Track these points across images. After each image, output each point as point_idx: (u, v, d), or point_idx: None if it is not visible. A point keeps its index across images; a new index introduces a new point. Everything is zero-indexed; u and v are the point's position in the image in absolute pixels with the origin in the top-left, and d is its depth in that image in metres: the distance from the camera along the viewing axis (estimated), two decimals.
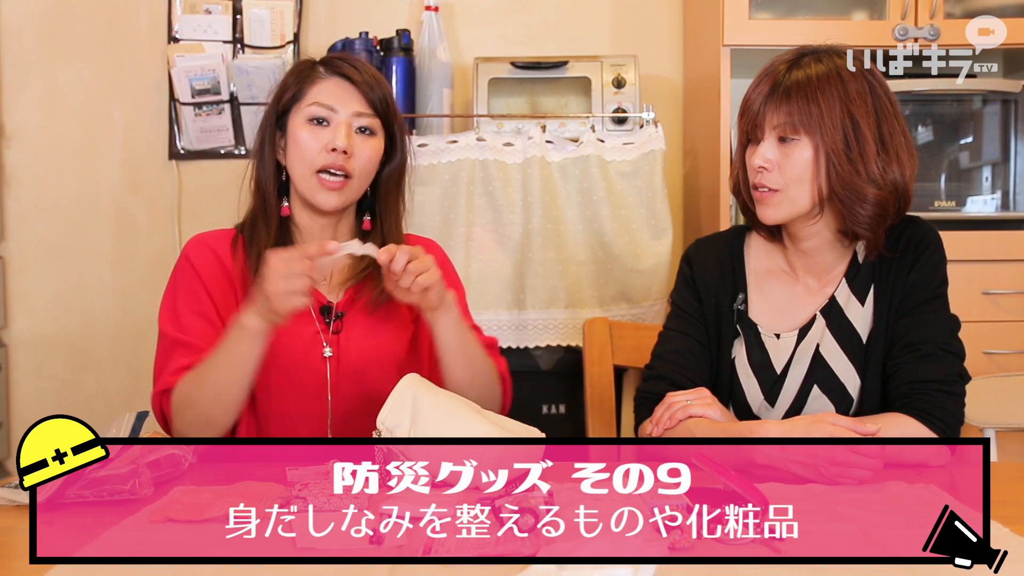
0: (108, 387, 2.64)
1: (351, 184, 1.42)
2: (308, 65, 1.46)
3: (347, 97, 1.41)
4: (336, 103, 1.41)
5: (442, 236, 2.23)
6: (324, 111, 1.40)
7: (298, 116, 1.42)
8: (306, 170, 1.41)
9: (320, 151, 1.39)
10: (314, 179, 1.40)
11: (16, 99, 2.61)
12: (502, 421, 1.24)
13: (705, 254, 1.51)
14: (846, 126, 1.32)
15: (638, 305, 2.28)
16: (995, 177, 2.31)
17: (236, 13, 2.55)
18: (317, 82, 1.42)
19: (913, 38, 2.14)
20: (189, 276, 1.43)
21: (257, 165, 1.48)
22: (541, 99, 2.41)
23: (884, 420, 1.26)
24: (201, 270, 1.43)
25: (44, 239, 2.62)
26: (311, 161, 1.40)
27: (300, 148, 1.41)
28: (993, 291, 2.14)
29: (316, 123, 1.41)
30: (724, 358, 1.45)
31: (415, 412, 1.18)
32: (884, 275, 1.39)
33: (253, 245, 1.44)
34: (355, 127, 1.41)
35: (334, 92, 1.41)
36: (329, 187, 1.40)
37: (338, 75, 1.42)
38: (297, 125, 1.42)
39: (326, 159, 1.39)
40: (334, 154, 1.39)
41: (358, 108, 1.42)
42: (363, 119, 1.42)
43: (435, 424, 1.17)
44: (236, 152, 2.58)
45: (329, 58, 1.47)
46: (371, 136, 1.43)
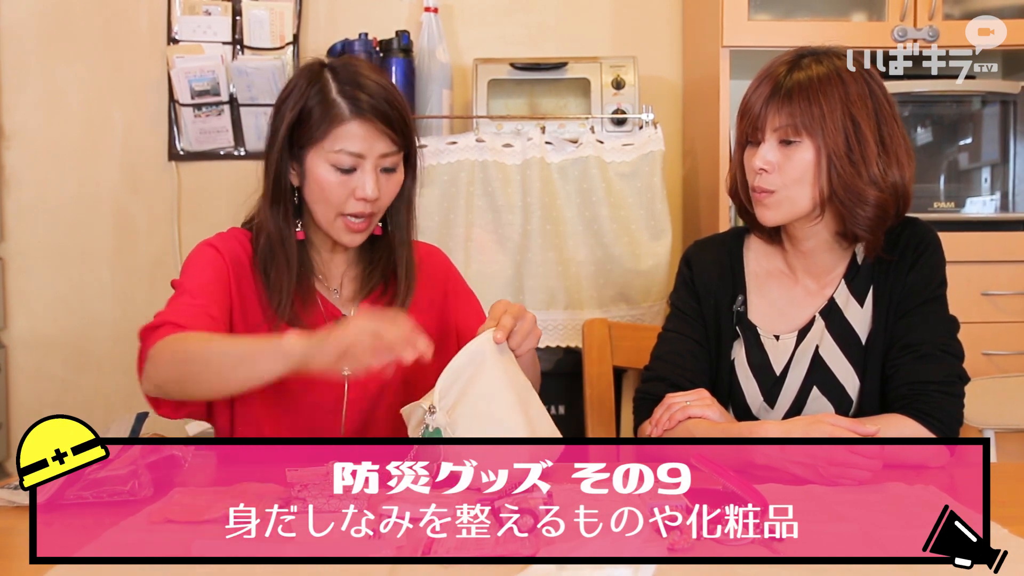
0: (108, 388, 2.64)
1: (374, 220, 1.40)
2: (325, 92, 1.34)
3: (374, 140, 1.33)
4: (364, 148, 1.33)
5: (441, 237, 2.23)
6: (351, 160, 1.33)
7: (321, 156, 1.34)
8: (331, 213, 1.36)
9: (348, 198, 1.34)
10: (339, 221, 1.36)
11: (16, 99, 2.61)
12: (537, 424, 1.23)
13: (704, 255, 1.51)
14: (847, 127, 1.32)
15: (637, 306, 2.29)
16: (994, 178, 2.31)
17: (235, 14, 2.55)
18: (342, 124, 1.33)
19: (912, 39, 2.15)
20: (213, 257, 1.37)
21: (271, 193, 1.39)
22: (540, 100, 2.41)
23: (883, 421, 1.26)
24: (224, 252, 1.38)
25: (44, 240, 2.62)
26: (337, 206, 1.35)
27: (325, 193, 1.34)
28: (992, 292, 2.14)
29: (342, 171, 1.34)
30: (723, 359, 1.45)
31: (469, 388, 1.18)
32: (883, 276, 1.39)
33: (274, 283, 1.38)
34: (380, 168, 1.35)
35: (361, 136, 1.33)
36: (354, 229, 1.37)
37: (363, 115, 1.33)
38: (320, 167, 1.34)
39: (354, 206, 1.35)
40: (362, 202, 1.34)
41: (384, 150, 1.35)
42: (388, 160, 1.36)
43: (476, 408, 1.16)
44: (236, 153, 2.58)
45: (346, 85, 1.34)
46: (394, 172, 1.38)
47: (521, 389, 1.23)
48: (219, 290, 1.36)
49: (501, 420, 1.16)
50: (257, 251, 1.40)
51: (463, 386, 1.17)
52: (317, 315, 1.41)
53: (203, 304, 1.32)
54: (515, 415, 1.17)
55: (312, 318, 1.40)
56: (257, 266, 1.40)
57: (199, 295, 1.33)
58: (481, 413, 1.16)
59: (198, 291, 1.33)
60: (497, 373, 1.21)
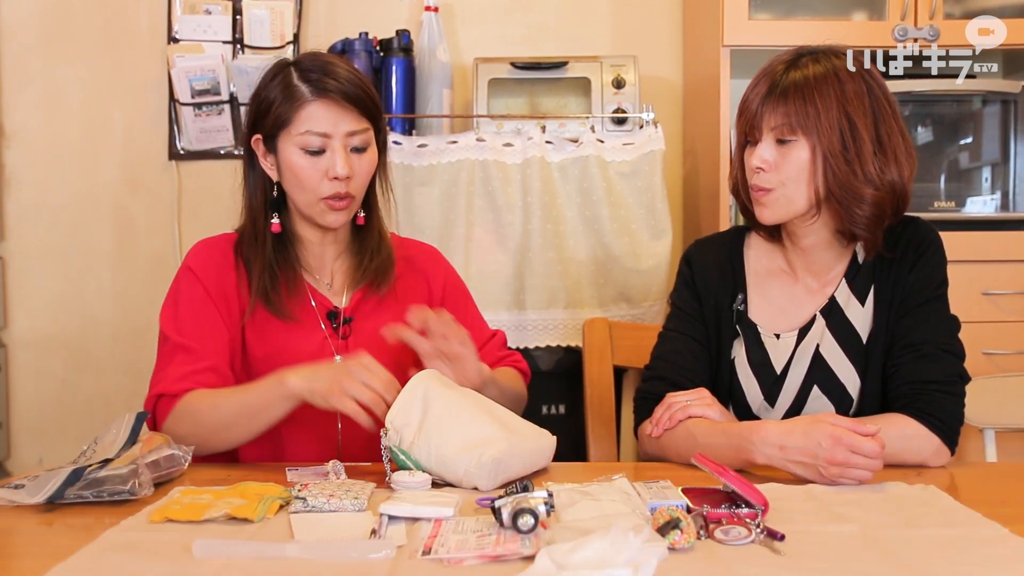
0: (108, 387, 2.64)
1: (355, 201, 1.42)
2: (287, 80, 1.38)
3: (338, 118, 1.36)
4: (328, 127, 1.36)
5: (442, 237, 2.23)
6: (318, 140, 1.36)
7: (289, 143, 1.38)
8: (310, 198, 1.39)
9: (321, 180, 1.37)
10: (320, 204, 1.39)
11: (16, 99, 2.61)
12: (510, 421, 1.24)
13: (704, 254, 1.51)
14: (843, 127, 1.32)
15: (638, 305, 2.29)
16: (995, 177, 2.31)
17: (236, 13, 2.55)
18: (304, 106, 1.36)
19: (913, 39, 2.15)
20: (190, 282, 1.41)
21: (244, 184, 1.46)
22: (541, 99, 2.41)
23: (884, 420, 1.26)
24: (204, 278, 1.41)
25: (44, 239, 2.63)
26: (315, 191, 1.38)
27: (300, 179, 1.38)
28: (993, 292, 2.14)
29: (311, 153, 1.37)
30: (724, 358, 1.45)
31: (425, 411, 1.18)
32: (884, 275, 1.39)
33: (251, 265, 1.42)
34: (350, 147, 1.38)
35: (324, 116, 1.36)
36: (336, 208, 1.40)
37: (324, 94, 1.36)
38: (291, 153, 1.38)
39: (329, 187, 1.37)
40: (336, 182, 1.37)
41: (350, 127, 1.37)
42: (356, 137, 1.38)
43: (442, 426, 1.16)
44: (236, 152, 2.57)
45: (308, 72, 1.38)
46: (365, 151, 1.41)
47: (480, 400, 1.25)
48: (208, 321, 1.39)
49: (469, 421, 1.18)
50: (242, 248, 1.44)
51: (416, 407, 1.18)
52: (308, 308, 1.44)
53: (199, 352, 1.35)
54: (480, 416, 1.19)
55: (304, 311, 1.43)
56: (240, 259, 1.44)
57: (189, 346, 1.36)
58: (445, 421, 1.17)
59: (188, 340, 1.36)
60: (448, 392, 1.22)
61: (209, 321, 1.39)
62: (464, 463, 1.12)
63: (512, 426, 1.22)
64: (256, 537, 0.96)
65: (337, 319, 1.44)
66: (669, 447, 1.33)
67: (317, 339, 1.42)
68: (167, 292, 1.44)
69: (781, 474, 1.19)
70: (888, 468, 1.19)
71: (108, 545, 0.93)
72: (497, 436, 1.15)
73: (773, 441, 1.19)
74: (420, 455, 1.15)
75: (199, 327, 1.38)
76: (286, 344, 1.40)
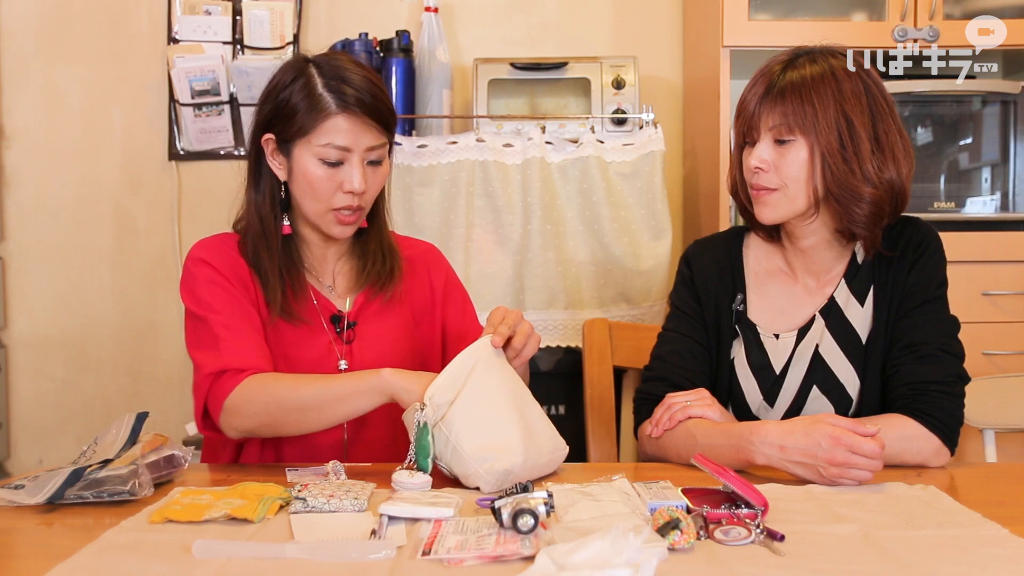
0: (108, 388, 2.65)
1: (363, 212, 1.41)
2: (311, 87, 1.34)
3: (360, 132, 1.34)
4: (351, 142, 1.33)
5: (442, 237, 2.23)
6: (338, 153, 1.34)
7: (308, 151, 1.35)
8: (320, 207, 1.37)
9: (335, 191, 1.35)
10: (329, 215, 1.37)
11: (16, 99, 2.62)
12: (535, 425, 1.23)
13: (704, 255, 1.51)
14: (840, 126, 1.32)
15: (638, 306, 2.29)
16: (994, 178, 2.31)
17: (236, 14, 2.55)
18: (329, 118, 1.33)
19: (912, 39, 2.15)
20: (210, 272, 1.37)
21: (248, 181, 1.42)
22: (541, 100, 2.41)
23: (884, 421, 1.26)
24: (220, 268, 1.38)
25: (44, 239, 2.63)
26: (327, 201, 1.36)
27: (314, 188, 1.35)
28: (992, 292, 2.14)
29: (329, 164, 1.34)
30: (723, 359, 1.45)
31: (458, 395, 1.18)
32: (884, 276, 1.39)
33: (261, 267, 1.39)
34: (367, 161, 1.36)
35: (347, 130, 1.33)
36: (344, 222, 1.38)
37: (349, 108, 1.33)
38: (307, 161, 1.35)
39: (342, 199, 1.36)
40: (350, 195, 1.35)
41: (371, 143, 1.35)
42: (374, 152, 1.37)
43: (468, 419, 1.16)
44: (236, 153, 2.58)
45: (332, 80, 1.34)
46: (380, 164, 1.39)
47: (517, 393, 1.24)
48: (241, 306, 1.35)
49: (494, 420, 1.17)
50: (247, 248, 1.41)
51: (457, 388, 1.17)
52: (311, 310, 1.42)
53: (246, 333, 1.32)
54: (508, 417, 1.18)
55: (307, 313, 1.41)
56: (248, 262, 1.41)
57: (235, 327, 1.32)
58: (473, 415, 1.16)
59: (230, 321, 1.32)
60: (490, 377, 1.21)
61: (242, 306, 1.36)
62: (475, 464, 1.13)
63: (535, 431, 1.21)
64: (256, 537, 0.96)
65: (341, 323, 1.43)
66: (669, 447, 1.33)
67: (323, 342, 1.41)
68: (181, 281, 1.40)
69: (781, 474, 1.19)
70: (888, 468, 1.19)
71: (108, 545, 0.93)
72: (515, 447, 1.15)
73: (773, 441, 1.19)
74: (440, 438, 1.16)
75: (235, 311, 1.34)
76: (294, 346, 1.39)
